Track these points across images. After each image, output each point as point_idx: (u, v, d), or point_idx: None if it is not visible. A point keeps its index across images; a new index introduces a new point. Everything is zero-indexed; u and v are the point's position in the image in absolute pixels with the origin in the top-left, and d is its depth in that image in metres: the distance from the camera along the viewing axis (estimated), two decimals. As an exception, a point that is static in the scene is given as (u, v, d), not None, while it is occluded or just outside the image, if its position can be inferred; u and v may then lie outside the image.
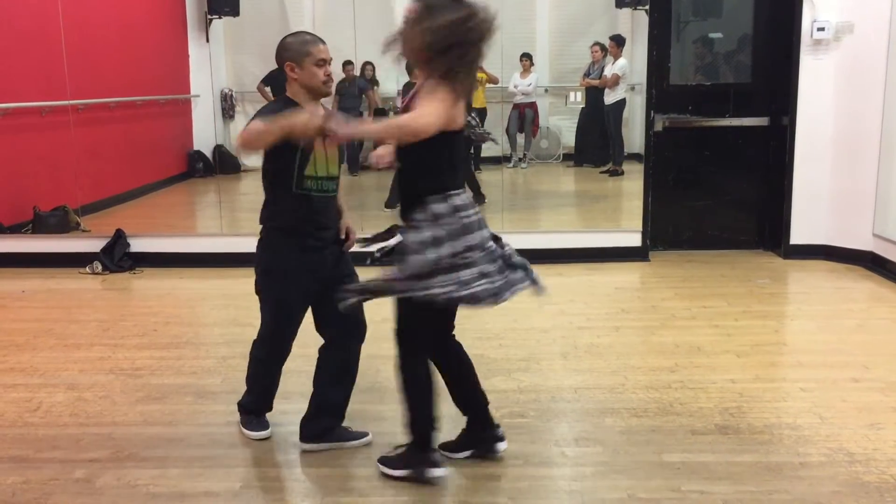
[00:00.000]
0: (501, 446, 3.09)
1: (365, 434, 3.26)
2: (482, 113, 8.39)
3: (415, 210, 2.71)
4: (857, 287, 5.43)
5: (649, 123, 6.15)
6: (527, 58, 8.99)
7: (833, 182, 5.97)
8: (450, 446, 3.11)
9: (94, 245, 6.27)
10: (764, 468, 3.00)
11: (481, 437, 3.10)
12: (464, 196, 2.76)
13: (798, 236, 6.10)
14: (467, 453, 3.10)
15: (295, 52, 3.01)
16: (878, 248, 5.73)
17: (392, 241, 2.78)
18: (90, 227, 6.68)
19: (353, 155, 9.24)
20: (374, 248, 2.87)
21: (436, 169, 2.74)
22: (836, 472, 2.97)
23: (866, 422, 3.36)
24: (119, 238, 6.25)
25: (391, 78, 9.72)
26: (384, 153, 2.96)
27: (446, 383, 3.04)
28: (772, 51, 6.21)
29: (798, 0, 5.84)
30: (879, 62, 5.63)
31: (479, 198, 7.52)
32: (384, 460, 3.04)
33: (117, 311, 5.23)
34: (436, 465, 2.91)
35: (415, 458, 2.93)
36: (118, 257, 6.18)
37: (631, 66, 8.21)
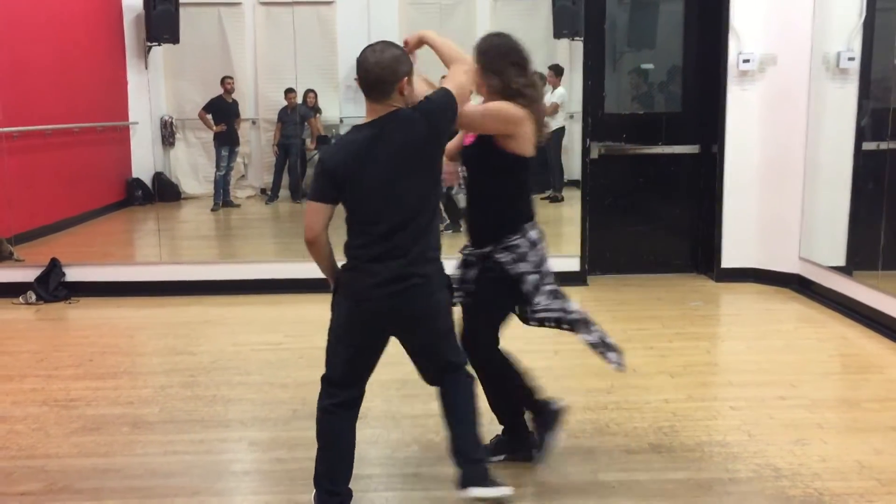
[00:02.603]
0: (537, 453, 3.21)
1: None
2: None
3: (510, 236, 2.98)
4: (785, 308, 5.63)
5: (585, 151, 6.31)
6: (467, 86, 9.12)
7: (761, 208, 6.20)
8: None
9: (27, 275, 6.13)
10: (695, 485, 3.09)
11: (517, 444, 3.24)
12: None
13: (729, 260, 6.30)
14: (501, 457, 3.22)
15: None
16: (805, 271, 5.95)
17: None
18: (24, 257, 6.53)
19: (295, 183, 9.24)
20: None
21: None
22: (764, 486, 3.08)
23: (792, 438, 3.49)
24: (54, 267, 6.14)
25: (333, 105, 9.77)
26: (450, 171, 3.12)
27: (484, 389, 3.15)
28: (701, 81, 6.44)
29: (724, 33, 6.08)
30: (801, 92, 5.89)
31: (454, 225, 7.57)
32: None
33: (52, 341, 5.13)
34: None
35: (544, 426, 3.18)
36: (53, 287, 6.06)
37: (569, 95, 8.41)
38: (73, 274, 6.19)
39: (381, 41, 2.70)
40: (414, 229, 2.68)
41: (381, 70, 2.61)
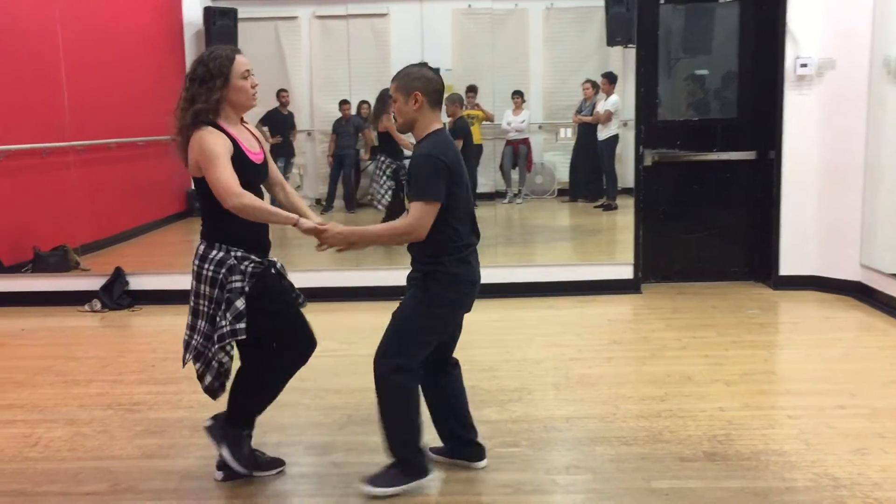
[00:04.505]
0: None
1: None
2: (479, 149, 8.52)
3: None
4: (845, 317, 5.51)
5: (638, 158, 6.27)
6: (518, 95, 9.18)
7: (820, 214, 6.08)
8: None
9: (93, 283, 6.35)
10: (750, 493, 3.05)
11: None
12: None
13: (787, 267, 6.19)
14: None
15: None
16: (866, 279, 5.81)
17: None
18: (89, 266, 6.76)
19: (349, 193, 9.39)
20: None
21: None
22: (821, 496, 3.02)
23: (852, 447, 3.42)
24: (118, 276, 6.33)
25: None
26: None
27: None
28: (757, 86, 6.35)
29: (781, 37, 6.00)
30: (861, 96, 5.77)
31: None
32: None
33: (116, 347, 5.29)
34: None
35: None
36: (117, 295, 6.25)
37: (623, 103, 8.38)
38: (137, 283, 6.38)
39: (421, 63, 3.05)
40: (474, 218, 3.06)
41: None
